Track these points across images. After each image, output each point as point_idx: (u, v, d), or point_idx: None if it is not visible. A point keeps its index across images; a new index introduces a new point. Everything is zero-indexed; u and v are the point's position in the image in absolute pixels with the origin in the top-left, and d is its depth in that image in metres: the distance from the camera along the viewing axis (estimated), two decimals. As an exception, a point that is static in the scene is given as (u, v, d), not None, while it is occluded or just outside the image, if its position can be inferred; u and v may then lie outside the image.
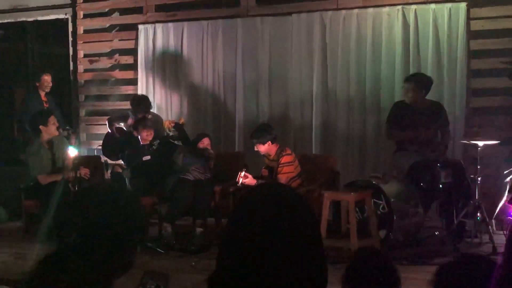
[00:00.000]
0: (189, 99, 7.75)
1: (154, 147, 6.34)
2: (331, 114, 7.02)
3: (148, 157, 6.35)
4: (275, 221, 1.17)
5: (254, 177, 5.90)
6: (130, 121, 6.74)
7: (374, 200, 5.49)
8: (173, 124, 6.45)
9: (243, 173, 5.78)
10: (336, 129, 6.98)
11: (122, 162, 6.68)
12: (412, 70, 6.53)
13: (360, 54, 6.85)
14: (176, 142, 6.50)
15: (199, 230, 5.93)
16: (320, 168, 6.23)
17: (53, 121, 6.26)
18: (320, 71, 7.02)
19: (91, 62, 8.31)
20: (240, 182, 5.76)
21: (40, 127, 6.21)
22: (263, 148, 5.84)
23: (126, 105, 7.61)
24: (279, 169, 5.81)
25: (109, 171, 6.75)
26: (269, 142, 5.81)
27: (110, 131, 6.94)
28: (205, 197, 6.02)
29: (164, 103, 7.83)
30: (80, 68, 8.37)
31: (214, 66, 7.59)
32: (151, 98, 7.41)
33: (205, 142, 6.41)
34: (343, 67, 6.93)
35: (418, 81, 5.89)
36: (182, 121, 6.63)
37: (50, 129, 6.25)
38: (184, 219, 6.36)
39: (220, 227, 6.20)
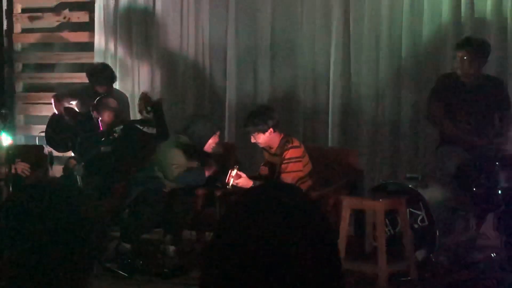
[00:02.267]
0: (163, 72, 7.77)
1: (116, 134, 6.31)
2: (354, 95, 7.05)
3: (108, 149, 6.38)
4: (279, 234, 1.19)
5: (250, 177, 5.90)
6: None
7: (410, 209, 5.52)
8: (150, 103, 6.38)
9: (234, 172, 5.79)
10: (360, 114, 7.02)
11: (73, 154, 6.68)
12: (464, 34, 6.51)
13: (395, 11, 6.84)
14: (145, 129, 6.48)
15: (172, 248, 5.97)
16: (338, 166, 6.26)
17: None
18: (340, 36, 7.03)
19: (31, 19, 8.28)
20: (230, 184, 5.77)
21: (-41, 109, 6.15)
22: (262, 138, 5.84)
23: (79, 77, 7.58)
24: (283, 166, 5.83)
25: (62, 167, 6.71)
26: (271, 129, 5.81)
27: (57, 112, 6.94)
28: (182, 205, 6.04)
29: (130, 77, 7.84)
30: (17, 27, 8.35)
31: (197, 28, 7.60)
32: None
33: (215, 140, 6.18)
34: (370, 31, 6.95)
35: (476, 48, 5.87)
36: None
37: (-28, 110, 6.17)
38: (153, 231, 6.38)
39: (202, 243, 6.21)
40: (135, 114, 7.35)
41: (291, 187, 1.37)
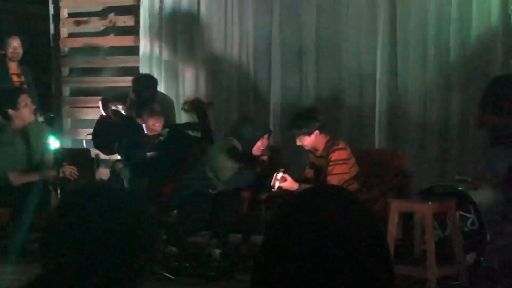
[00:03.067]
0: (207, 74, 7.82)
1: (161, 137, 6.36)
2: (401, 96, 7.00)
3: (154, 153, 6.45)
4: (329, 237, 1.19)
5: (295, 180, 5.89)
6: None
7: (460, 212, 5.49)
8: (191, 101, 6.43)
9: (280, 175, 5.77)
10: (407, 115, 6.96)
11: (119, 157, 6.76)
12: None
13: (442, 10, 6.77)
14: (190, 132, 6.56)
15: (218, 251, 5.99)
16: (385, 168, 6.23)
17: (24, 101, 6.33)
18: (386, 34, 6.99)
19: (77, 23, 8.41)
20: (276, 187, 5.75)
21: (9, 111, 6.29)
22: (308, 140, 5.84)
23: (125, 81, 7.65)
24: (329, 168, 5.82)
25: (109, 169, 6.79)
26: (316, 132, 5.81)
27: (105, 114, 7.04)
28: (228, 208, 6.07)
29: (175, 80, 7.91)
30: (63, 31, 8.49)
31: (241, 30, 7.63)
32: (156, 75, 7.49)
33: (264, 143, 6.24)
34: (417, 30, 6.89)
35: None
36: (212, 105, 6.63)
37: (23, 113, 6.32)
38: (199, 234, 6.45)
39: (248, 246, 6.24)
40: (180, 117, 7.42)
41: (340, 189, 1.36)
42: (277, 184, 5.76)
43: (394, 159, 6.31)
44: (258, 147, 6.17)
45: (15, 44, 7.43)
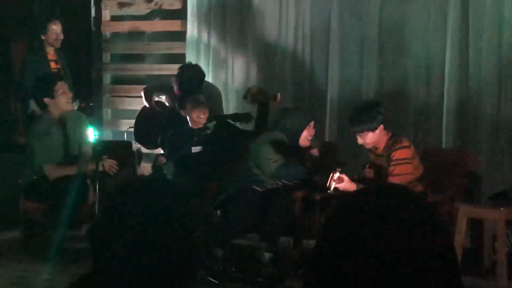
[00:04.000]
0: (259, 64, 7.84)
1: (208, 131, 6.41)
2: (473, 90, 6.94)
3: (200, 148, 6.50)
4: (390, 243, 1.18)
5: (353, 181, 5.86)
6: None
7: (536, 220, 5.41)
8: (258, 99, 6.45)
9: (336, 175, 5.76)
10: (478, 113, 6.90)
11: (162, 152, 6.83)
12: None
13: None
14: (239, 124, 6.60)
15: (268, 255, 5.99)
16: (453, 169, 6.18)
17: (62, 89, 6.40)
18: (457, 25, 6.93)
19: (120, 6, 8.51)
20: (332, 187, 5.76)
21: (46, 99, 6.38)
22: (371, 137, 5.74)
23: (170, 69, 7.72)
24: (390, 168, 5.76)
25: (151, 164, 6.87)
26: (381, 127, 5.73)
27: (148, 105, 7.11)
28: (279, 209, 6.07)
29: (224, 69, 7.96)
30: (105, 14, 8.59)
31: (297, 16, 7.63)
32: (203, 63, 7.57)
33: (311, 127, 6.25)
34: (492, 20, 6.81)
35: None
36: (278, 100, 6.62)
37: (60, 102, 6.40)
38: (247, 236, 6.49)
39: (300, 250, 6.24)
40: (228, 108, 7.48)
41: (403, 189, 1.33)
42: (333, 185, 5.74)
43: (463, 160, 6.27)
44: (305, 137, 6.17)
45: (56, 29, 7.51)
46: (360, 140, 5.76)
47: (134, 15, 8.52)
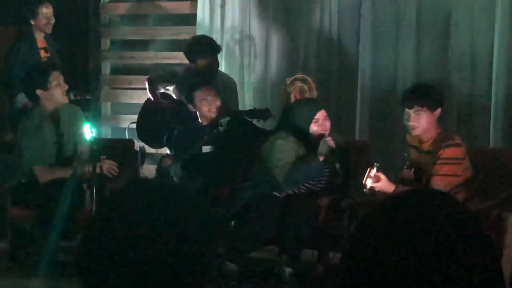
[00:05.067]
0: (280, 51, 7.86)
1: (221, 128, 6.35)
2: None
3: (211, 148, 6.48)
4: (427, 259, 1.20)
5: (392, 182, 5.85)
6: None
7: None
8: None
9: (374, 171, 5.72)
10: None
11: (168, 151, 6.84)
12: None
13: None
14: (256, 122, 6.61)
15: (289, 270, 5.98)
16: (503, 173, 6.12)
17: (57, 80, 6.37)
18: (508, 8, 6.92)
19: (122, -14, 8.53)
20: (368, 186, 5.73)
21: (38, 91, 6.33)
22: (425, 120, 5.73)
23: (177, 57, 7.75)
24: (436, 167, 5.74)
25: (156, 166, 6.85)
26: (438, 112, 5.74)
27: (153, 98, 7.11)
28: (301, 218, 6.03)
29: (238, 59, 7.92)
30: (105, -5, 8.60)
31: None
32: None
33: (320, 120, 6.21)
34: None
35: None
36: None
37: (54, 94, 6.36)
38: (265, 249, 6.50)
39: (325, 265, 6.17)
40: (243, 104, 7.47)
41: (445, 196, 1.34)
42: (369, 183, 5.70)
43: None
44: (316, 132, 6.11)
45: (47, 13, 7.54)
46: (412, 121, 5.73)
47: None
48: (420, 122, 5.72)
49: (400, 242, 1.22)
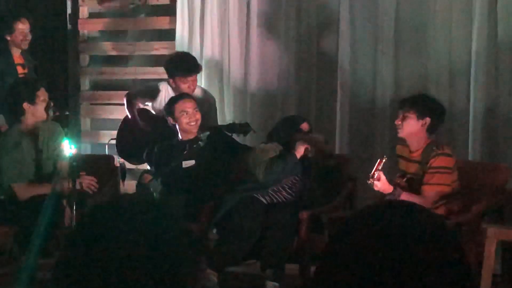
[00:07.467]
0: (259, 67, 7.86)
1: (201, 143, 6.38)
2: (504, 96, 6.98)
3: (192, 162, 6.47)
4: (401, 270, 1.20)
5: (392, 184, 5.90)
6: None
7: None
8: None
9: (382, 163, 5.84)
10: (511, 120, 6.95)
11: (149, 167, 6.82)
12: None
13: None
14: (236, 136, 6.64)
15: (272, 284, 5.97)
16: (482, 186, 6.15)
17: (43, 96, 6.38)
18: (485, 19, 6.94)
19: (100, 1, 8.48)
20: (375, 176, 5.81)
21: (24, 105, 6.31)
22: (411, 125, 5.84)
23: (157, 72, 7.75)
24: (427, 176, 5.81)
25: (136, 182, 6.86)
26: (427, 120, 5.82)
27: (130, 115, 7.09)
28: (283, 231, 6.07)
29: (218, 75, 7.94)
30: (83, 11, 8.58)
31: (299, 6, 7.62)
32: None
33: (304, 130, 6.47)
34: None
35: None
36: None
37: (38, 110, 6.37)
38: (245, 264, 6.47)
39: (306, 278, 6.18)
40: (223, 119, 7.50)
41: (418, 209, 1.33)
42: (376, 174, 5.80)
43: (493, 175, 6.22)
44: (299, 146, 6.31)
45: (24, 29, 7.48)
46: (397, 121, 5.89)
47: (116, 11, 8.51)
48: (404, 124, 5.82)
49: (371, 253, 1.22)
